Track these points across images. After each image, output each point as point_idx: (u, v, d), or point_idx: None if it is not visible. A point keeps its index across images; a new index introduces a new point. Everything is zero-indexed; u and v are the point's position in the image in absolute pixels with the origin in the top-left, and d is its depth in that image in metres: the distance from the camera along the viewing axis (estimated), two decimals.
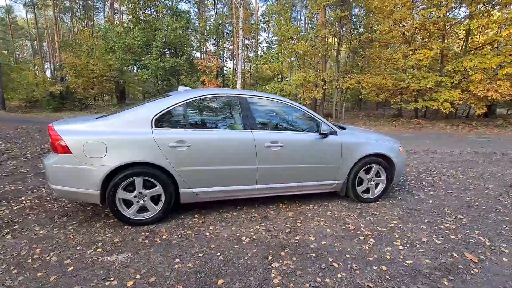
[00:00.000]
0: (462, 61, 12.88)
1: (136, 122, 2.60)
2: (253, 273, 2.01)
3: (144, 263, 2.09)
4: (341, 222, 2.84)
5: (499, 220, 2.98)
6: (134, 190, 2.59)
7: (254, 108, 2.95)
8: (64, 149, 2.42)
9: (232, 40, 21.98)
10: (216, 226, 2.70)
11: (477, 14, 13.21)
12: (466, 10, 14.23)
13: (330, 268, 2.08)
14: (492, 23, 12.46)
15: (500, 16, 12.52)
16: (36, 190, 3.58)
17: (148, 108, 2.69)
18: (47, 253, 2.19)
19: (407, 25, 13.17)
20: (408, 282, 1.94)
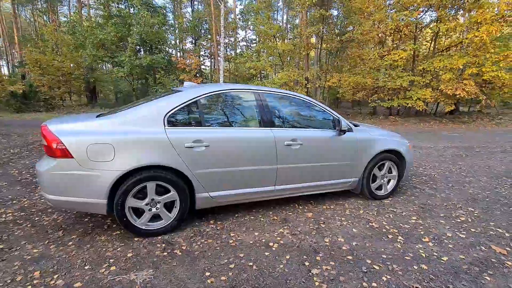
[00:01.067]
0: (432, 61, 13.69)
1: (146, 120, 2.31)
2: (295, 282, 1.84)
3: (171, 279, 1.84)
4: (363, 221, 2.77)
5: (506, 211, 3.10)
6: (145, 197, 2.30)
7: (271, 104, 2.78)
8: (63, 153, 2.07)
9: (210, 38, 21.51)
10: (237, 232, 2.49)
11: (445, 18, 14.13)
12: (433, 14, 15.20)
13: (372, 271, 1.98)
14: (459, 26, 13.35)
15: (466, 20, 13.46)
16: (15, 202, 3.11)
17: (159, 105, 2.41)
18: (49, 276, 1.85)
19: (382, 27, 13.71)
20: (453, 280, 1.90)
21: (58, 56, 17.41)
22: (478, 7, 12.88)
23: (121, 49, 16.48)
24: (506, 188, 3.86)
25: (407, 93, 14.23)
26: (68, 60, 17.93)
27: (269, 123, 2.69)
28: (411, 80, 13.85)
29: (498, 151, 6.65)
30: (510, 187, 3.90)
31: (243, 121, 2.69)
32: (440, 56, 14.15)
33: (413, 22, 14.21)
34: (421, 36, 15.82)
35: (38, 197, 3.25)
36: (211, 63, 27.49)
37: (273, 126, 2.70)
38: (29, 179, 3.89)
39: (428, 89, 13.88)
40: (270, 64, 13.50)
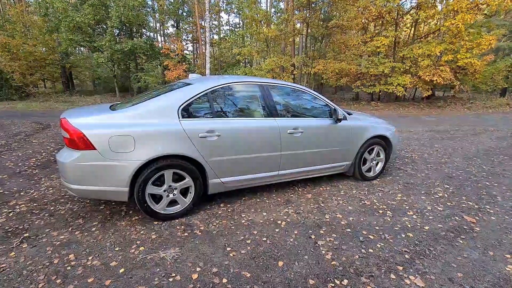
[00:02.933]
0: (412, 48, 14.24)
1: (162, 112, 2.45)
2: (305, 252, 2.15)
3: (197, 255, 2.08)
4: (356, 200, 3.12)
5: (476, 186, 3.57)
6: (163, 184, 2.48)
7: (275, 95, 2.99)
8: (86, 145, 2.19)
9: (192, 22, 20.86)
10: (247, 213, 2.75)
11: (424, 5, 14.61)
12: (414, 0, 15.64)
13: (368, 240, 2.32)
14: (437, 14, 13.88)
15: (444, 8, 13.98)
16: (23, 193, 3.16)
17: (173, 98, 2.55)
18: (84, 258, 2.03)
19: (366, 13, 13.97)
20: (434, 244, 2.28)
21: (28, 40, 16.30)
22: None
23: (98, 33, 15.71)
24: (476, 167, 4.36)
25: (388, 79, 14.81)
26: (40, 44, 16.86)
27: (273, 113, 2.91)
28: (392, 66, 14.39)
29: (469, 134, 7.30)
30: (479, 166, 4.42)
31: (249, 111, 2.89)
32: (419, 43, 14.73)
33: (395, 8, 14.60)
34: (401, 23, 16.28)
35: (45, 188, 3.32)
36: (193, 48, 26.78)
37: (276, 116, 2.92)
38: (29, 171, 3.90)
39: (408, 75, 14.50)
40: (257, 50, 13.46)
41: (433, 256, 2.12)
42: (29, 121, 8.19)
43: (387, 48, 14.89)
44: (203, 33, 19.69)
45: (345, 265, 2.01)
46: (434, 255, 2.14)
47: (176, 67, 14.65)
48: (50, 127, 7.32)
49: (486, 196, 3.28)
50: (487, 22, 16.62)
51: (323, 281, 1.84)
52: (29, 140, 5.77)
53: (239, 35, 18.70)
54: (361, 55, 15.63)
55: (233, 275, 1.88)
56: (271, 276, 1.88)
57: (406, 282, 1.85)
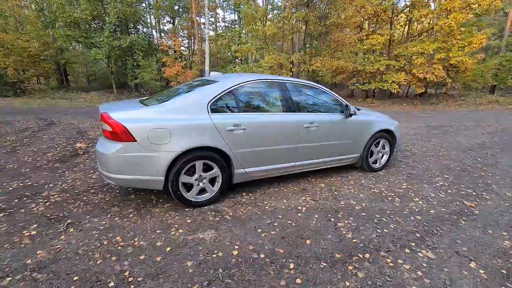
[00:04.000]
0: (407, 46, 14.64)
1: (193, 108, 2.65)
2: (328, 232, 2.40)
3: (232, 236, 2.31)
4: (366, 188, 3.39)
5: (472, 176, 3.89)
6: (194, 174, 2.69)
7: (292, 92, 3.22)
8: (128, 137, 2.38)
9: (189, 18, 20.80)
10: (268, 201, 2.98)
11: (418, 4, 15.01)
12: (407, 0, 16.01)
13: (382, 222, 2.59)
14: (430, 13, 14.29)
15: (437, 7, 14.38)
16: (52, 185, 3.32)
17: (202, 94, 2.75)
18: (130, 239, 2.23)
19: (363, 12, 14.28)
20: (440, 225, 2.56)
21: (22, 35, 16.05)
22: None
23: (95, 29, 15.59)
24: (471, 160, 4.70)
25: (383, 77, 15.21)
26: (34, 39, 16.62)
27: (291, 109, 3.14)
28: (387, 64, 14.76)
29: (462, 129, 7.69)
30: (474, 159, 4.76)
31: (270, 107, 3.11)
32: (413, 41, 15.14)
33: (390, 7, 14.96)
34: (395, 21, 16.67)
35: (72, 180, 3.48)
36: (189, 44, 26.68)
37: (294, 111, 3.15)
38: (50, 165, 4.04)
39: (402, 73, 14.91)
40: (255, 47, 13.62)
41: (440, 235, 2.40)
42: (31, 117, 8.21)
43: (382, 46, 15.26)
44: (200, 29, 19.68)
45: (365, 242, 2.27)
46: (441, 233, 2.42)
47: (175, 64, 14.68)
48: (55, 124, 7.37)
49: (482, 184, 3.60)
50: (478, 21, 17.17)
51: (348, 255, 2.09)
52: (39, 136, 5.86)
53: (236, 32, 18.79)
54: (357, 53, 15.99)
55: (268, 251, 2.12)
56: (301, 251, 2.12)
57: (419, 255, 2.12)
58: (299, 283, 1.80)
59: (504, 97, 18.02)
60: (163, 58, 14.92)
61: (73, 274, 1.83)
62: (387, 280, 1.85)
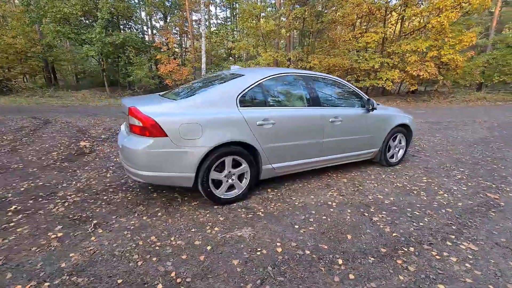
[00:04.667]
0: (400, 44, 14.88)
1: (222, 101, 2.57)
2: (366, 226, 2.37)
3: (270, 233, 2.24)
4: (389, 183, 3.39)
5: (486, 169, 3.95)
6: (223, 170, 2.61)
7: (317, 86, 3.17)
8: (159, 132, 2.28)
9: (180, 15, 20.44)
10: (296, 197, 2.93)
11: (410, 3, 15.28)
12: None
13: (415, 216, 2.58)
14: (424, 11, 14.57)
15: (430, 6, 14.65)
16: (66, 185, 3.16)
17: (231, 87, 2.66)
18: (166, 239, 2.13)
19: (357, 10, 14.39)
20: (471, 217, 2.58)
21: (7, 31, 15.37)
22: None
23: (85, 25, 15.09)
24: (479, 153, 4.79)
25: (377, 74, 15.41)
26: (21, 36, 15.93)
27: (316, 103, 3.09)
28: (381, 61, 14.97)
29: (461, 125, 7.86)
30: (482, 153, 4.86)
31: (296, 101, 3.05)
32: (406, 39, 15.40)
33: (384, 5, 15.17)
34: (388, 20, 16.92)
35: (85, 179, 3.32)
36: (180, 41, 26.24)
37: (319, 105, 3.11)
38: (58, 164, 3.85)
39: (396, 70, 15.16)
40: (252, 44, 13.53)
41: (475, 227, 2.41)
42: (23, 116, 7.85)
43: (376, 44, 15.47)
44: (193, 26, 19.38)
45: (405, 236, 2.25)
46: (475, 225, 2.43)
47: (169, 61, 14.40)
48: (51, 123, 7.06)
49: (498, 177, 3.66)
50: (467, 20, 17.64)
51: (393, 249, 2.07)
52: (38, 135, 5.59)
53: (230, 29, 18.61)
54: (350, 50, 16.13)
55: (312, 247, 2.06)
56: (346, 247, 2.08)
57: (462, 247, 2.12)
58: (353, 279, 1.76)
59: (491, 94, 18.63)
60: (158, 55, 14.59)
61: (115, 276, 1.73)
62: (439, 273, 1.83)
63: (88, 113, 8.49)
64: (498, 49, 19.76)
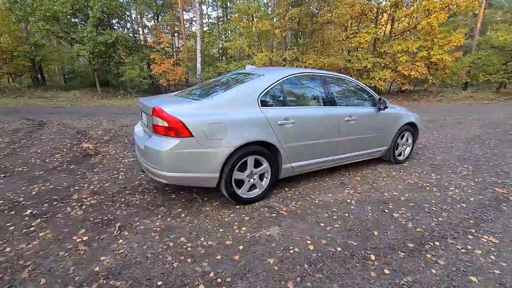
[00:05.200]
0: (392, 44, 15.21)
1: (245, 101, 2.57)
2: (389, 222, 2.42)
3: (298, 231, 2.26)
4: (400, 180, 3.47)
5: (489, 165, 4.11)
6: (245, 170, 2.61)
7: (332, 85, 3.21)
8: (185, 132, 2.25)
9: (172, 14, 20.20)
10: (314, 195, 2.96)
11: (400, 4, 15.66)
12: None
13: (433, 211, 2.66)
14: (415, 12, 14.94)
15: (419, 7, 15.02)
16: (78, 188, 3.08)
17: (252, 87, 2.67)
18: (196, 240, 2.12)
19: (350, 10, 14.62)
20: (485, 211, 2.68)
21: None
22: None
23: (75, 23, 14.70)
24: (479, 150, 4.97)
25: (370, 74, 15.71)
26: (6, 34, 15.37)
27: (332, 102, 3.13)
28: (374, 61, 15.26)
29: (455, 123, 8.11)
30: (481, 149, 5.04)
31: (313, 100, 3.08)
32: (398, 39, 15.77)
33: (375, 6, 15.48)
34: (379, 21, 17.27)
35: (97, 182, 3.25)
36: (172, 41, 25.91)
37: (335, 104, 3.15)
38: (65, 167, 3.75)
39: (388, 70, 15.50)
40: (247, 44, 13.52)
41: (491, 220, 2.51)
42: (16, 118, 7.60)
43: (369, 45, 15.76)
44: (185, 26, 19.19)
45: (428, 230, 2.32)
46: (491, 219, 2.53)
47: (164, 61, 14.22)
48: (47, 124, 6.85)
49: (501, 172, 3.81)
50: (454, 21, 18.22)
51: (420, 244, 2.13)
52: (35, 137, 5.43)
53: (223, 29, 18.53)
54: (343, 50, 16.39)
55: (342, 244, 2.10)
56: (374, 243, 2.13)
57: (483, 240, 2.20)
58: (388, 274, 1.80)
59: (477, 93, 19.32)
60: (151, 55, 14.37)
61: (153, 279, 1.70)
62: (467, 266, 1.90)
63: (83, 114, 8.29)
64: (482, 50, 20.52)
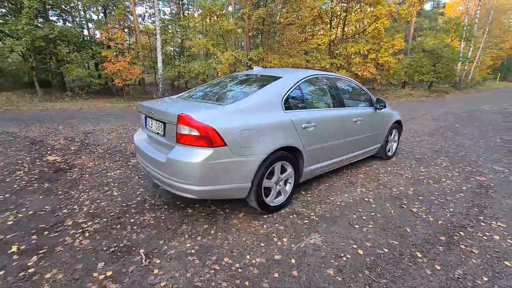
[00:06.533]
0: (346, 46, 16.34)
1: (269, 105, 2.44)
2: (413, 218, 2.56)
3: (338, 236, 2.24)
4: (398, 175, 3.71)
5: (459, 156, 4.65)
6: (272, 177, 2.49)
7: (340, 87, 3.27)
8: (219, 141, 2.04)
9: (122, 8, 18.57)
10: (332, 196, 2.98)
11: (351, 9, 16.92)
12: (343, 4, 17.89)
13: (442, 203, 2.89)
14: (365, 18, 16.26)
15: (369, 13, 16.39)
16: (68, 211, 2.60)
17: (275, 90, 2.55)
18: (242, 258, 1.94)
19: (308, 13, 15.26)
20: (480, 198, 3.01)
21: None
22: (376, 3, 15.85)
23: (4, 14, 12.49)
24: (443, 142, 5.60)
25: None
26: None
27: (341, 104, 3.19)
28: (331, 62, 16.20)
29: (410, 118, 9.03)
30: (444, 142, 5.68)
31: (326, 102, 3.09)
32: (351, 42, 16.99)
33: (330, 10, 16.45)
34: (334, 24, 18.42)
35: (89, 202, 2.77)
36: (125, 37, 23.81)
37: (343, 106, 3.21)
38: (36, 186, 3.13)
39: (343, 70, 16.61)
40: (212, 43, 13.10)
41: (490, 206, 2.83)
42: None
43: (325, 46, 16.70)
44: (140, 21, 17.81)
45: (447, 222, 2.50)
46: (489, 205, 2.85)
47: (119, 59, 12.98)
48: None
49: (471, 162, 4.34)
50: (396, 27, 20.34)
51: (449, 236, 2.28)
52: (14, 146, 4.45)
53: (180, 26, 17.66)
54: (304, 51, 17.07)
55: (386, 244, 2.13)
56: (411, 239, 2.21)
57: (493, 226, 2.46)
58: (440, 269, 1.88)
59: (414, 91, 21.95)
60: (103, 52, 12.97)
61: None
62: (496, 251, 2.09)
63: (28, 121, 7.07)
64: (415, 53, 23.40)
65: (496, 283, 1.77)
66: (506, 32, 33.10)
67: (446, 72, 22.17)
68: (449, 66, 22.20)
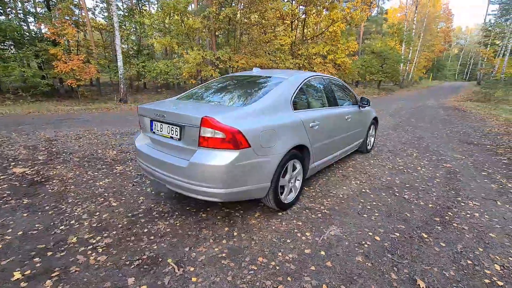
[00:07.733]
0: (307, 47, 17.12)
1: (281, 106, 2.51)
2: (409, 204, 2.86)
3: (355, 227, 2.41)
4: (381, 166, 4.07)
5: (422, 147, 5.26)
6: (285, 175, 2.57)
7: (333, 87, 3.47)
8: (243, 143, 2.05)
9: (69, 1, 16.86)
10: (334, 190, 3.17)
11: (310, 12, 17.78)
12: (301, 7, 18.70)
13: (425, 189, 3.27)
14: (324, 20, 17.19)
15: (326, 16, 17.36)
16: (66, 228, 2.35)
17: (284, 91, 2.61)
18: (275, 256, 1.99)
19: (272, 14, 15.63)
20: (452, 182, 3.48)
21: None
22: (332, 8, 16.86)
23: None
24: (406, 135, 6.27)
25: None
26: None
27: (336, 103, 3.40)
28: (295, 62, 16.83)
29: None
30: (406, 134, 6.36)
31: (323, 101, 3.25)
32: (311, 43, 17.84)
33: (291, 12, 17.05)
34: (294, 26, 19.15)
35: (87, 214, 2.54)
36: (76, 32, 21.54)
37: (337, 105, 3.42)
38: (13, 203, 2.76)
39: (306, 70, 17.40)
40: (177, 42, 12.58)
41: (462, 188, 3.29)
42: None
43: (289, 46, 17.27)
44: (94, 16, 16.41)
45: (436, 205, 2.85)
46: (461, 187, 3.31)
47: (71, 57, 11.80)
48: None
49: (434, 151, 4.96)
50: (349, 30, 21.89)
51: (441, 216, 2.61)
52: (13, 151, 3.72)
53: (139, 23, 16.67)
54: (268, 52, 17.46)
55: (395, 229, 2.36)
56: (413, 223, 2.48)
57: (470, 205, 2.88)
58: (445, 245, 2.16)
59: (366, 89, 23.95)
60: (51, 49, 11.65)
61: None
62: (480, 226, 2.46)
63: None
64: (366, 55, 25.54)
65: (490, 253, 2.10)
66: (435, 37, 38.10)
67: (392, 72, 24.52)
68: (394, 67, 24.61)
